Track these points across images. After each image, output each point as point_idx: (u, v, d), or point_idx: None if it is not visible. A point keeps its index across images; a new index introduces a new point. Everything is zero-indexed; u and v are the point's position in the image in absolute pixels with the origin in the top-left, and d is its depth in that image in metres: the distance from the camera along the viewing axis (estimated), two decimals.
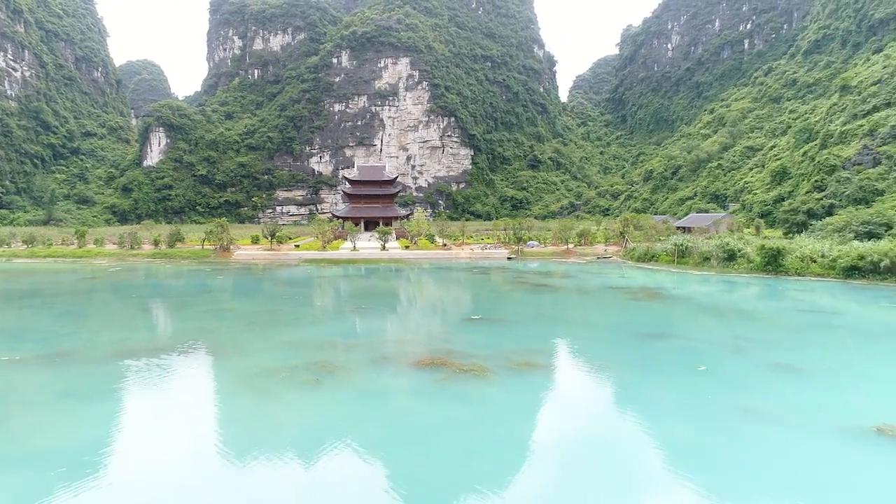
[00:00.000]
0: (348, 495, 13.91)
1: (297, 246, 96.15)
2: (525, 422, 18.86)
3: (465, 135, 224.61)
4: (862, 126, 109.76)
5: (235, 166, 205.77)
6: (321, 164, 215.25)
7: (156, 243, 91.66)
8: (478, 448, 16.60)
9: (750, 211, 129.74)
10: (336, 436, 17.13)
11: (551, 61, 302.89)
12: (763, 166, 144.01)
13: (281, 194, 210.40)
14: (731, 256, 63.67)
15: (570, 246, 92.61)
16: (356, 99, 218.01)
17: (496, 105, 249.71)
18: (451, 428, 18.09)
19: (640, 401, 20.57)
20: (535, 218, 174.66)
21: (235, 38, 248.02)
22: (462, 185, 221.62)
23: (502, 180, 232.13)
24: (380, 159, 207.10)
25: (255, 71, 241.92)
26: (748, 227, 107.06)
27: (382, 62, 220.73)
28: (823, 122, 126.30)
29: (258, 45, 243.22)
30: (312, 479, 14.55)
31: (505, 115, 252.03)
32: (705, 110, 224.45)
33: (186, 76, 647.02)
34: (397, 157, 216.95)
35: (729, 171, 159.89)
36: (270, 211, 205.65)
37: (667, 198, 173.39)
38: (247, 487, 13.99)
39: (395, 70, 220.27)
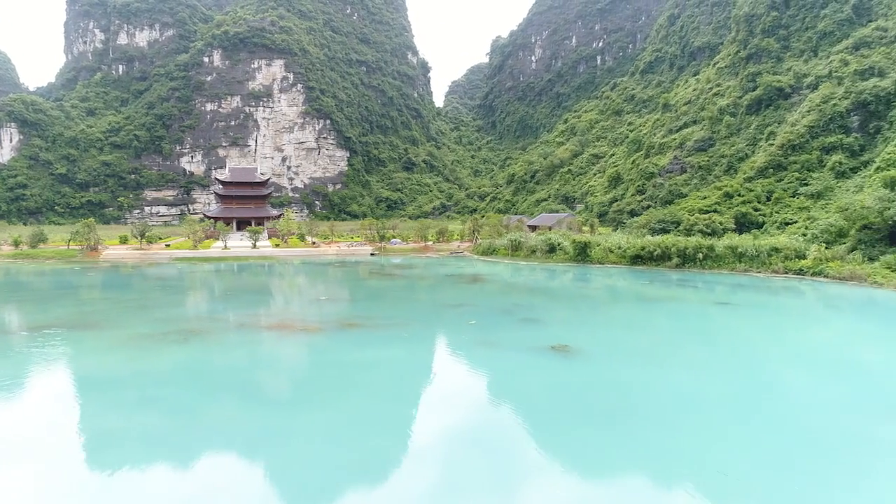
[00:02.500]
0: (205, 400, 22.14)
1: (167, 245, 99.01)
2: (336, 354, 27.84)
3: (341, 137, 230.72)
4: (675, 139, 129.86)
5: (99, 165, 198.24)
6: (193, 164, 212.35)
7: (16, 244, 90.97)
8: (302, 372, 25.37)
9: (591, 211, 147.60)
10: (197, 370, 25.16)
11: (425, 67, 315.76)
12: (604, 172, 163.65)
13: (150, 194, 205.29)
14: (551, 249, 76.69)
15: (430, 243, 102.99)
16: (229, 99, 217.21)
17: (372, 109, 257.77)
18: (283, 360, 26.73)
19: (420, 341, 30.29)
20: (410, 218, 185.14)
21: (97, 31, 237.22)
22: (338, 186, 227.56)
23: (378, 182, 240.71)
24: (254, 160, 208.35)
25: (120, 66, 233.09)
26: (585, 226, 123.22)
27: (256, 63, 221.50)
28: (648, 135, 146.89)
29: (123, 39, 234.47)
30: (177, 396, 22.59)
31: (380, 119, 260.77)
32: (562, 119, 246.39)
33: (36, 66, 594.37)
34: (272, 158, 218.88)
35: (577, 176, 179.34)
36: (138, 211, 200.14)
37: (526, 199, 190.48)
38: (122, 405, 21.79)
39: (270, 72, 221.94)
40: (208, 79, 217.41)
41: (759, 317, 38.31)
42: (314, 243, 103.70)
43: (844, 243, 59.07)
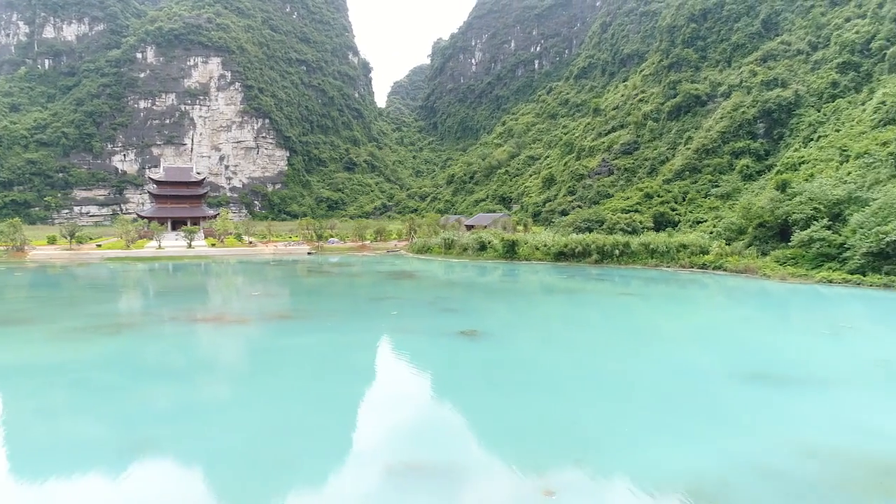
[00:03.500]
0: (133, 381, 24.05)
1: (98, 246, 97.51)
2: (263, 341, 30.04)
3: (281, 136, 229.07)
4: (604, 142, 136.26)
5: (24, 163, 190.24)
6: (126, 163, 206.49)
7: None
8: (229, 355, 27.51)
9: (527, 211, 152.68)
10: (128, 356, 26.95)
11: (367, 68, 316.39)
12: (539, 173, 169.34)
13: (79, 194, 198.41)
14: (482, 247, 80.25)
15: (367, 242, 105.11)
16: (164, 97, 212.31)
17: (312, 108, 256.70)
18: (212, 346, 28.77)
19: (343, 329, 32.77)
20: (351, 218, 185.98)
21: (21, 23, 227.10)
22: (278, 186, 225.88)
23: (318, 182, 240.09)
24: (191, 159, 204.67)
25: (46, 61, 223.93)
26: (519, 225, 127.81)
27: (192, 60, 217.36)
28: (580, 138, 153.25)
29: (49, 33, 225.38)
30: (106, 379, 24.44)
31: (321, 119, 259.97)
32: (500, 122, 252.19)
33: None
34: (209, 158, 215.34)
35: (514, 177, 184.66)
36: (67, 211, 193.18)
37: (465, 199, 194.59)
38: (52, 387, 23.53)
39: (206, 69, 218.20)
40: (142, 76, 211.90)
41: (654, 305, 42.63)
42: (251, 243, 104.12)
43: (743, 240, 64.86)
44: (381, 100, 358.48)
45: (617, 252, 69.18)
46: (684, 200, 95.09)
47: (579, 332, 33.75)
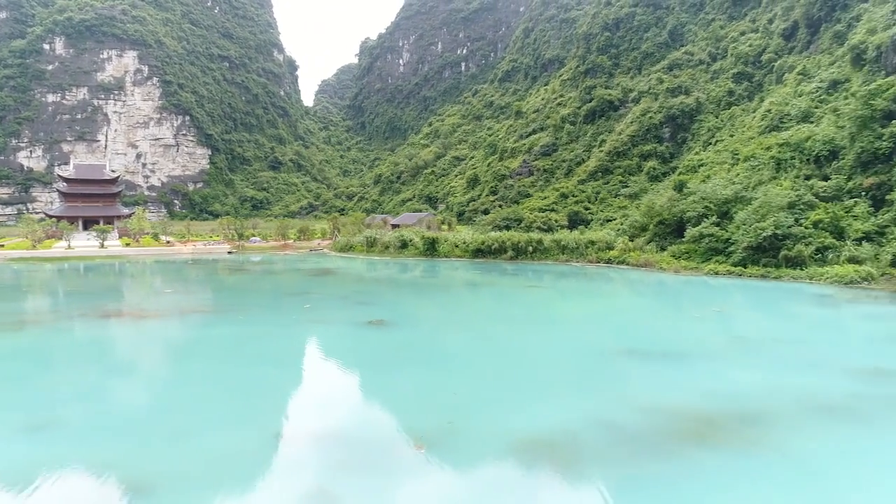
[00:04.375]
0: (35, 370, 24.40)
1: (1, 246, 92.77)
2: (170, 332, 30.66)
3: (202, 134, 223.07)
4: (525, 144, 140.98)
5: None
6: (32, 160, 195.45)
7: None
8: (133, 346, 28.07)
9: (452, 211, 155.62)
10: (30, 349, 27.08)
11: (293, 66, 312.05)
12: (464, 174, 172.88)
13: None
14: (403, 245, 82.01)
15: (291, 241, 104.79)
16: (74, 90, 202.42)
17: (235, 106, 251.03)
18: (117, 338, 29.20)
19: (254, 322, 33.73)
20: (276, 217, 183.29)
21: None
22: (199, 185, 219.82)
23: (242, 181, 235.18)
24: (105, 156, 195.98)
25: None
26: (444, 224, 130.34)
27: (105, 53, 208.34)
28: (503, 140, 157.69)
29: None
30: (7, 367, 24.68)
31: (245, 117, 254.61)
32: (427, 122, 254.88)
33: None
34: (125, 155, 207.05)
35: (440, 177, 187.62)
36: None
37: (392, 199, 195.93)
38: None
39: (121, 63, 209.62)
40: (49, 68, 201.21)
41: (556, 295, 45.74)
42: (168, 242, 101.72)
43: (644, 236, 69.53)
44: (308, 98, 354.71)
45: (530, 249, 72.53)
46: (597, 200, 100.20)
47: (482, 319, 36.10)
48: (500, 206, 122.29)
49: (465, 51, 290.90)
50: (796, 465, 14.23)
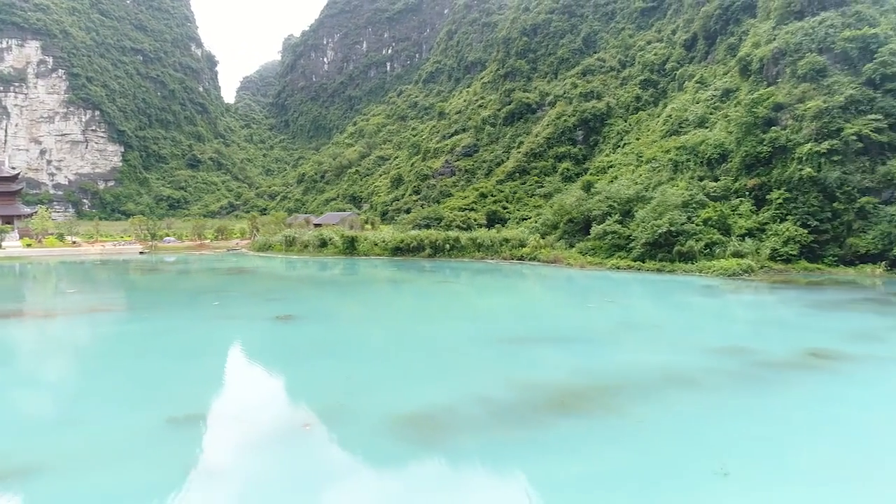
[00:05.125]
0: None
1: None
2: (70, 331, 30.21)
3: (114, 130, 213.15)
4: (447, 145, 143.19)
5: None
6: None
7: None
8: (29, 344, 27.59)
9: (376, 210, 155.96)
10: None
11: (212, 61, 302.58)
12: (388, 173, 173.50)
13: None
14: (323, 244, 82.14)
15: (208, 241, 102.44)
16: None
17: (150, 101, 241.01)
18: (16, 338, 28.59)
19: (159, 318, 33.59)
20: (195, 217, 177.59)
21: None
22: (111, 184, 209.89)
23: (158, 179, 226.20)
24: (3, 152, 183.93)
25: None
26: (367, 224, 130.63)
27: (5, 43, 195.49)
28: (426, 140, 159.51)
29: None
30: None
31: (160, 113, 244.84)
32: (351, 122, 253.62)
33: None
34: (28, 151, 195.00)
35: (364, 177, 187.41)
36: None
37: (316, 199, 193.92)
38: None
39: (22, 53, 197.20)
40: None
41: (466, 290, 47.65)
42: (75, 243, 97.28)
43: (555, 234, 72.87)
44: (229, 95, 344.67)
45: (448, 247, 74.44)
46: (514, 199, 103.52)
47: (391, 313, 37.38)
48: (423, 205, 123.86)
49: (390, 51, 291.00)
50: (640, 427, 16.29)
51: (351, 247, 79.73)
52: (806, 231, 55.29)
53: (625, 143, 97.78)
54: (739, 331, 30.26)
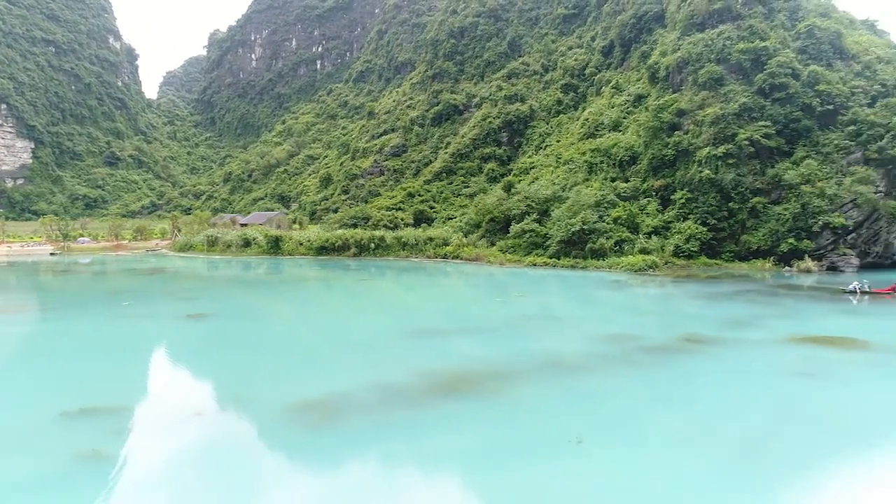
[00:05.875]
0: None
1: None
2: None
3: (23, 125, 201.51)
4: (376, 144, 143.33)
5: None
6: None
7: None
8: None
9: (304, 210, 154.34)
10: None
11: (132, 54, 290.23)
12: (317, 173, 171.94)
13: None
14: (246, 243, 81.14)
15: (126, 242, 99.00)
16: None
17: (64, 95, 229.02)
18: None
19: (65, 318, 32.92)
20: (115, 217, 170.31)
21: None
22: (21, 182, 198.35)
23: (73, 177, 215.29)
24: None
25: None
26: (295, 223, 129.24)
27: None
28: (356, 140, 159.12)
29: None
30: None
31: (75, 108, 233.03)
32: (281, 120, 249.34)
33: None
34: None
35: (293, 176, 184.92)
36: None
37: (243, 198, 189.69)
38: None
39: None
40: None
41: (386, 287, 48.68)
42: None
43: (477, 233, 74.88)
44: (151, 90, 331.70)
45: (373, 245, 75.12)
46: (441, 199, 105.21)
47: (306, 309, 37.98)
48: (351, 205, 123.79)
49: (320, 49, 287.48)
50: (517, 406, 17.85)
51: (275, 246, 79.12)
52: (705, 229, 59.43)
53: (546, 145, 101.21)
54: (630, 320, 32.66)
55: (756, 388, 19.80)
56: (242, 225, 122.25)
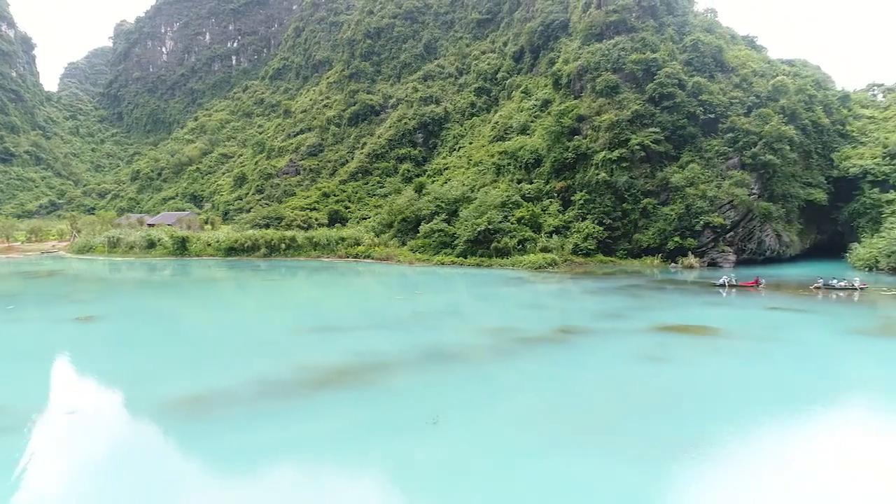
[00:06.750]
0: None
1: None
2: None
3: None
4: (293, 143, 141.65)
5: None
6: None
7: None
8: None
9: (218, 210, 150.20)
10: None
11: (28, 43, 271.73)
12: (231, 172, 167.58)
13: None
14: (151, 244, 78.61)
15: (18, 243, 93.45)
16: None
17: None
18: None
19: None
20: (7, 217, 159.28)
21: None
22: None
23: None
24: None
25: None
26: (206, 224, 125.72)
27: None
28: (271, 138, 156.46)
29: None
30: None
31: None
32: (194, 117, 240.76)
33: None
34: None
35: (206, 175, 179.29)
36: None
37: (152, 197, 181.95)
38: None
39: None
40: None
41: (288, 286, 48.97)
42: None
43: (389, 232, 75.98)
44: (51, 83, 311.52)
45: (283, 246, 74.70)
46: (356, 199, 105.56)
47: (202, 310, 37.89)
48: (266, 204, 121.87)
49: (235, 44, 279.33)
50: (385, 393, 19.19)
51: (182, 247, 77.12)
52: (602, 228, 63.14)
53: (460, 147, 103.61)
54: (518, 314, 34.75)
55: (607, 372, 22.04)
56: (150, 225, 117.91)
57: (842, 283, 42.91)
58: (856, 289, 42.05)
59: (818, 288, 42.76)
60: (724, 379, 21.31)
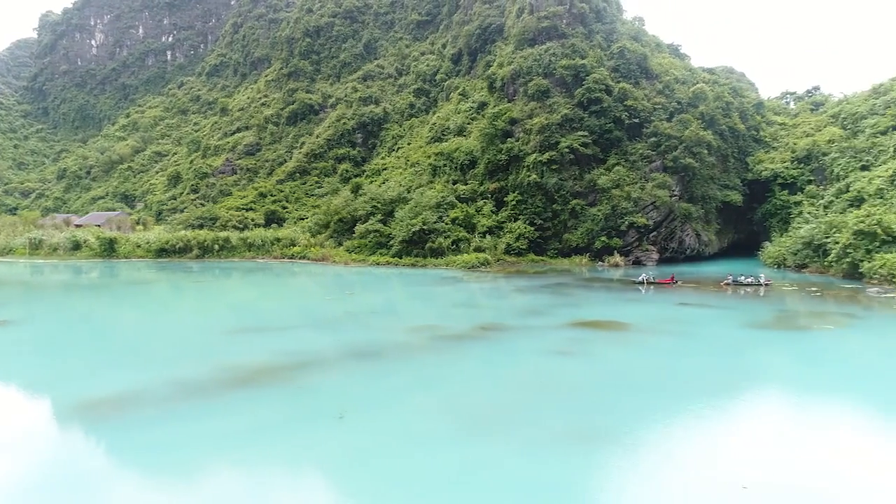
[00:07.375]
0: None
1: None
2: None
3: None
4: (229, 142, 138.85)
5: None
6: None
7: None
8: None
9: (151, 209, 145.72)
10: None
11: None
12: (165, 171, 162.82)
13: None
14: (76, 246, 76.03)
15: None
16: None
17: None
18: None
19: None
20: None
21: None
22: None
23: None
24: None
25: None
26: (138, 224, 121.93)
27: None
28: (207, 137, 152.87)
29: None
30: None
31: None
32: (126, 113, 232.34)
33: None
34: None
35: (139, 174, 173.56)
36: None
37: (80, 197, 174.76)
38: None
39: None
40: None
41: (216, 288, 48.66)
42: None
43: (325, 233, 75.97)
44: None
45: (217, 247, 73.76)
46: (294, 199, 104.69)
47: (121, 313, 37.31)
48: (201, 204, 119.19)
49: (171, 39, 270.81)
50: (298, 391, 19.80)
51: (109, 249, 75.01)
52: (533, 228, 65.17)
53: (398, 148, 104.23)
54: (443, 313, 35.83)
55: (515, 366, 23.32)
56: (77, 226, 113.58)
57: (749, 280, 45.98)
58: (761, 284, 45.15)
59: (728, 284, 45.71)
60: (625, 371, 22.87)
